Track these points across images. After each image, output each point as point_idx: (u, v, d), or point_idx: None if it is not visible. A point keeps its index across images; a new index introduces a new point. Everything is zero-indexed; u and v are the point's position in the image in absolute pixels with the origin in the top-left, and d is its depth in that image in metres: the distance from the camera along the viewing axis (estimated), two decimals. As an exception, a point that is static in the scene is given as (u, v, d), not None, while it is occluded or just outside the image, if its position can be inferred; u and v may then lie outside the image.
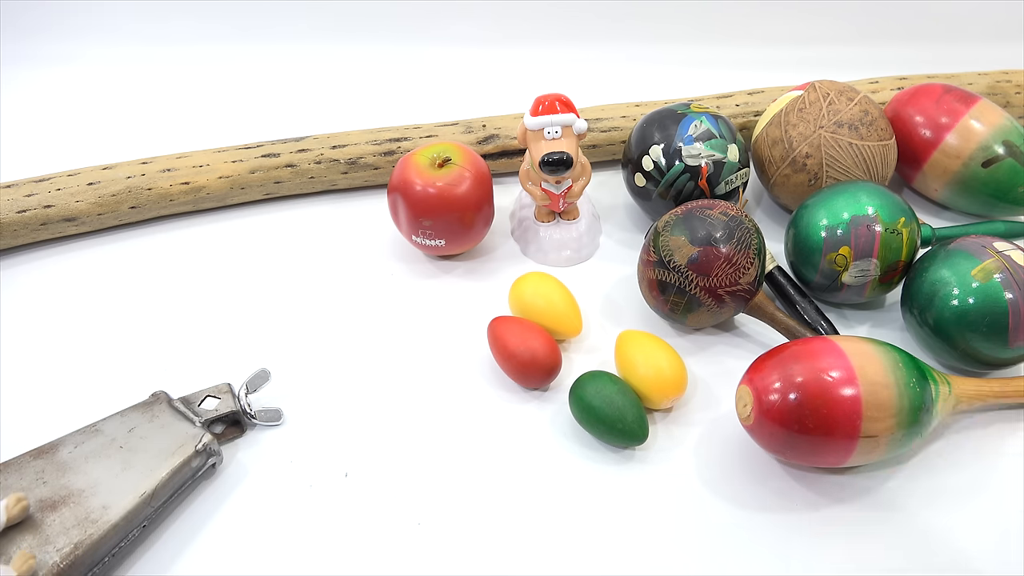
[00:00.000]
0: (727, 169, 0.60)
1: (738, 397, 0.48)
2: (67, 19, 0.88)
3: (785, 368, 0.46)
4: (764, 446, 0.47)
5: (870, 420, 0.44)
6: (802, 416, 0.44)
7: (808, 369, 0.45)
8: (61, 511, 0.44)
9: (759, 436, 0.46)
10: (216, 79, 0.85)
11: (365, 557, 0.46)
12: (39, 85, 0.84)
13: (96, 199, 0.64)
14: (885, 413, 0.44)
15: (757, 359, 0.48)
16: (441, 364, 0.56)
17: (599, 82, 0.82)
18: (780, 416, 0.45)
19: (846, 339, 0.47)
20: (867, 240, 0.54)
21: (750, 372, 0.47)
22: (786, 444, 0.45)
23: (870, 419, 0.44)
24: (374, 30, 0.88)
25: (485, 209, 0.61)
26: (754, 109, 0.71)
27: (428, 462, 0.50)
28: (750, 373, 0.47)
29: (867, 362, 0.45)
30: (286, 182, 0.68)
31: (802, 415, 0.44)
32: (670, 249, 0.54)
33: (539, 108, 0.57)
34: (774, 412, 0.45)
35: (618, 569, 0.45)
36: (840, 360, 0.45)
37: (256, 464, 0.50)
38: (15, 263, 0.64)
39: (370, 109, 0.79)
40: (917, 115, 0.64)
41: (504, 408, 0.53)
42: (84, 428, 0.48)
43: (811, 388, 0.44)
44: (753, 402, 0.46)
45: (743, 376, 0.48)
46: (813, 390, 0.44)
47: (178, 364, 0.56)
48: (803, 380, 0.45)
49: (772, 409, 0.45)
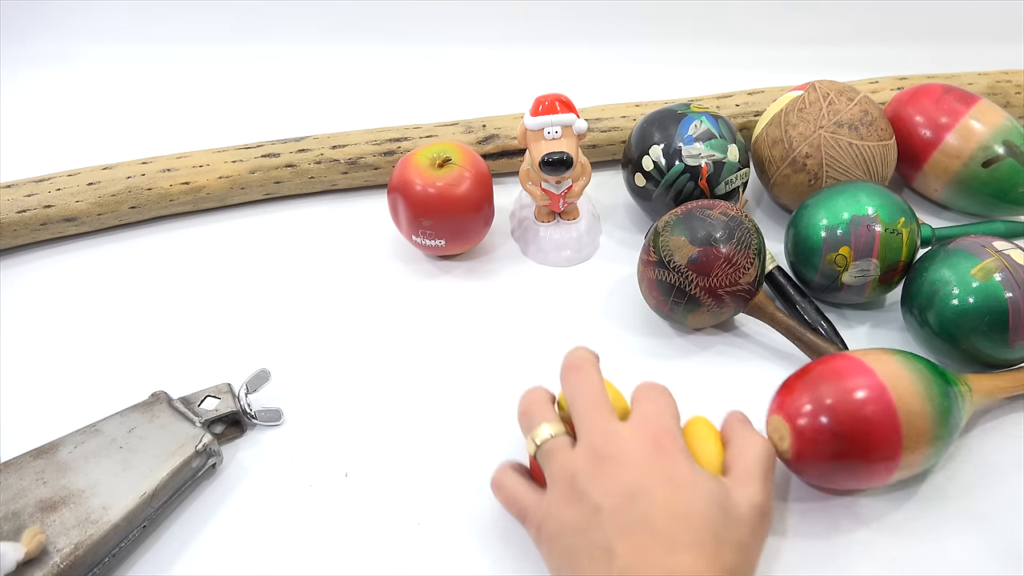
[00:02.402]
0: (727, 169, 0.60)
1: (771, 428, 0.46)
2: (67, 19, 0.88)
3: (817, 394, 0.44)
4: (803, 477, 0.46)
5: (910, 438, 0.43)
6: (843, 447, 0.43)
7: (840, 394, 0.44)
8: (61, 511, 0.44)
9: (798, 469, 0.45)
10: (216, 79, 0.85)
11: (365, 557, 0.46)
12: (39, 85, 0.84)
13: (96, 199, 0.64)
14: (922, 428, 0.43)
15: (785, 385, 0.47)
16: (441, 364, 0.56)
17: (599, 82, 0.82)
18: (821, 448, 0.44)
19: (869, 354, 0.46)
20: (867, 240, 0.54)
21: (782, 399, 0.46)
22: (827, 474, 0.44)
23: (910, 437, 0.43)
24: (374, 30, 0.88)
25: (485, 209, 0.61)
26: (754, 109, 0.71)
27: (428, 462, 0.50)
28: (782, 400, 0.46)
29: (898, 380, 0.44)
30: (286, 182, 0.68)
31: (843, 445, 0.43)
32: (670, 249, 0.54)
33: (539, 108, 0.57)
34: (815, 445, 0.44)
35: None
36: (871, 380, 0.44)
37: (256, 464, 0.50)
38: (15, 263, 0.64)
39: (370, 109, 0.79)
40: (917, 115, 0.64)
41: (504, 408, 0.53)
42: (84, 428, 0.48)
43: (849, 416, 0.43)
44: (791, 436, 0.44)
45: (773, 403, 0.47)
46: (852, 418, 0.43)
47: (178, 364, 0.56)
48: (838, 406, 0.43)
49: (813, 442, 0.44)
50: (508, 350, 0.57)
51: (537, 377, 0.55)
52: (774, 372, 0.55)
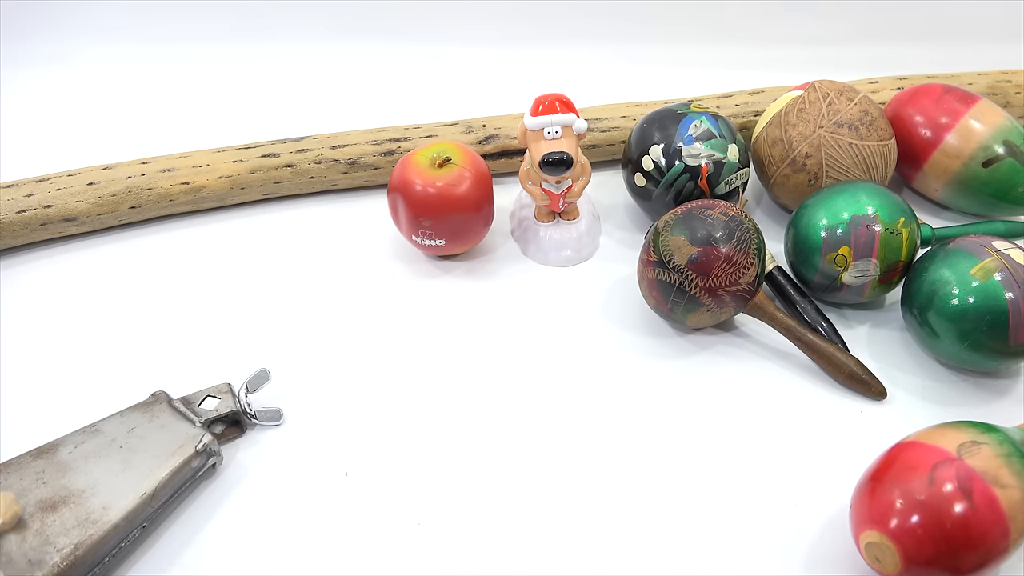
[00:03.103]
0: (727, 169, 0.60)
1: (866, 546, 0.42)
2: (66, 19, 0.88)
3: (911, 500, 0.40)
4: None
5: (1016, 520, 0.40)
6: (958, 554, 0.40)
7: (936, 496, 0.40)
8: (61, 511, 0.44)
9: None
10: (216, 79, 0.85)
11: (365, 557, 0.46)
12: (39, 85, 0.84)
13: (96, 199, 0.64)
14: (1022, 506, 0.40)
15: (867, 492, 0.42)
16: (441, 364, 0.56)
17: (599, 82, 0.82)
18: (935, 560, 0.40)
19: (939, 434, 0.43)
20: (867, 240, 0.54)
21: (875, 514, 0.41)
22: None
23: (1016, 519, 0.40)
24: (374, 30, 0.88)
25: (485, 209, 0.61)
26: (754, 109, 0.71)
27: (428, 462, 0.50)
28: (875, 515, 0.41)
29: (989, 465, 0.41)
30: (286, 182, 0.68)
31: (958, 552, 0.40)
32: (670, 249, 0.54)
33: (539, 108, 0.57)
34: (928, 559, 0.40)
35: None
36: (964, 470, 0.41)
37: (256, 464, 0.50)
38: (15, 263, 0.64)
39: (370, 109, 0.79)
40: (917, 115, 0.64)
41: (504, 408, 0.53)
42: (84, 428, 0.48)
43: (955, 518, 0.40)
44: (899, 555, 0.41)
45: (858, 516, 0.43)
46: (958, 520, 0.40)
47: (178, 364, 0.56)
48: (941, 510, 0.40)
49: (924, 557, 0.40)
50: (508, 350, 0.57)
51: (537, 377, 0.55)
52: (774, 372, 0.55)
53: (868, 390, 0.53)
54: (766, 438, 0.51)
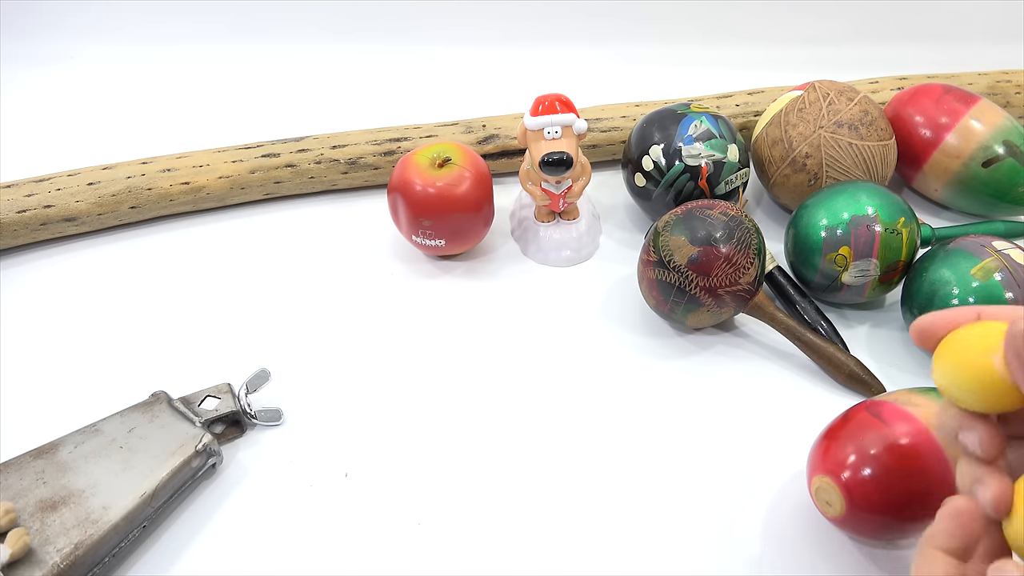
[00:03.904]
0: (727, 169, 0.60)
1: (815, 490, 0.44)
2: (67, 19, 0.88)
3: (862, 447, 0.42)
4: (857, 535, 0.44)
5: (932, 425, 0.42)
6: (898, 499, 0.41)
7: (884, 441, 0.42)
8: (61, 511, 0.44)
9: (852, 528, 0.43)
10: (216, 79, 0.85)
11: (365, 557, 0.46)
12: (39, 85, 0.84)
13: (96, 199, 0.64)
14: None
15: (822, 444, 0.44)
16: (441, 364, 0.56)
17: (599, 82, 0.82)
18: (876, 503, 0.41)
19: (901, 396, 0.44)
20: (867, 240, 0.54)
21: (822, 459, 0.43)
22: (883, 528, 0.42)
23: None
24: (374, 30, 0.88)
25: (485, 209, 0.61)
26: (754, 109, 0.71)
27: (428, 462, 0.50)
28: (822, 460, 0.43)
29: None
30: (286, 182, 0.68)
31: (897, 497, 0.41)
32: (670, 249, 0.54)
33: (539, 108, 0.57)
34: (869, 501, 0.41)
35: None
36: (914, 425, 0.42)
37: (256, 464, 0.50)
38: (15, 263, 0.64)
39: (370, 109, 0.79)
40: (917, 115, 0.64)
41: (504, 408, 0.53)
42: (84, 428, 0.48)
43: (898, 462, 0.41)
44: (842, 495, 0.42)
45: (811, 463, 0.44)
46: (901, 464, 0.41)
47: (178, 364, 0.56)
48: (886, 456, 0.41)
49: (866, 498, 0.41)
50: (508, 350, 0.57)
51: (537, 377, 0.55)
52: (774, 372, 0.55)
53: (868, 390, 0.53)
54: (766, 438, 0.51)
